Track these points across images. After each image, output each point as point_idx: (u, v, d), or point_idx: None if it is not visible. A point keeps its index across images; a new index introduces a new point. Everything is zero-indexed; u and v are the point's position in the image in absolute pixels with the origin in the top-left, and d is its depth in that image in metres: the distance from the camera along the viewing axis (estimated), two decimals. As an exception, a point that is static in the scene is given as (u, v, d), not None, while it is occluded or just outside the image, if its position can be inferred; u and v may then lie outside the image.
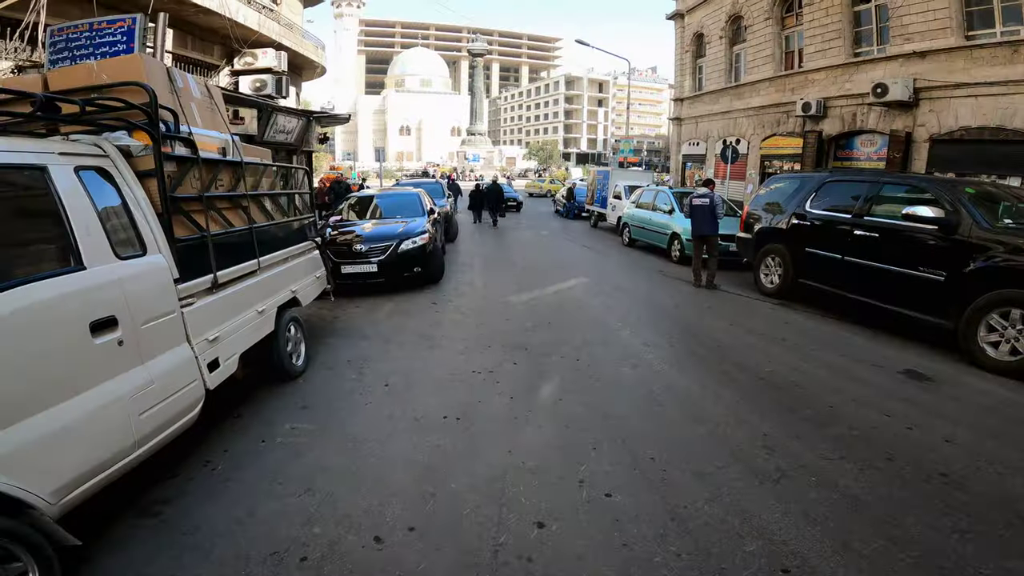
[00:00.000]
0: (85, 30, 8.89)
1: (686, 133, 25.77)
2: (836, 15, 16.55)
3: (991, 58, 12.41)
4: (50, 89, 4.18)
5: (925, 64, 13.79)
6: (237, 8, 14.73)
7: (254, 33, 15.93)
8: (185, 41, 14.71)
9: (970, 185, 8.24)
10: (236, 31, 15.02)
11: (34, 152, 3.15)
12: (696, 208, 10.81)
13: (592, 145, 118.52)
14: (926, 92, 13.75)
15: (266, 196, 5.90)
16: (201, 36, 15.27)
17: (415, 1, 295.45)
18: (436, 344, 7.05)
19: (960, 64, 13.05)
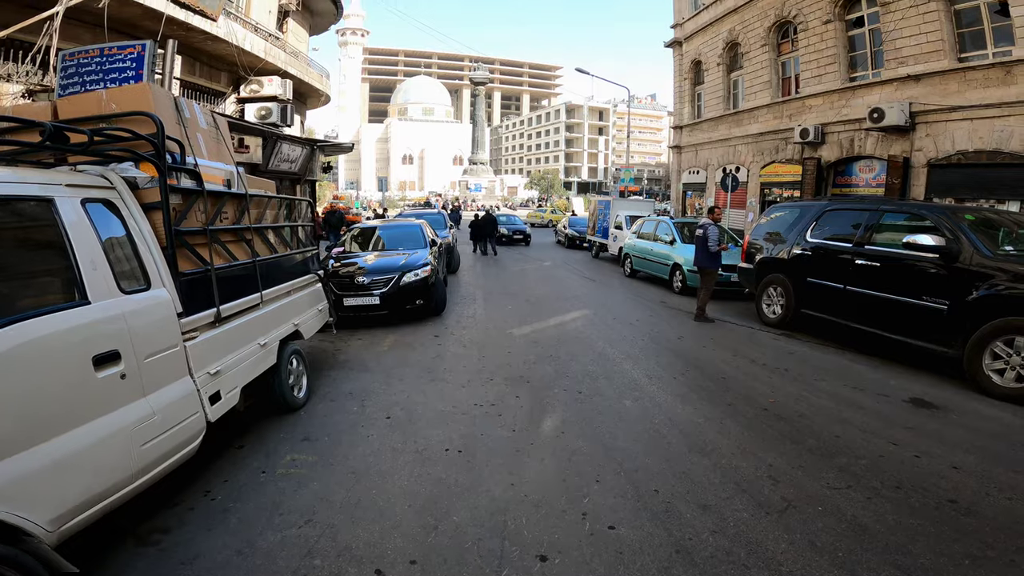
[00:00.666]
0: (96, 55, 9.02)
1: (686, 161, 25.95)
2: (831, 40, 16.75)
3: (984, 80, 12.50)
4: (60, 117, 4.24)
5: (920, 87, 13.89)
6: (244, 36, 14.95)
7: (260, 61, 16.13)
8: (193, 68, 14.88)
9: (969, 212, 8.27)
10: (243, 58, 15.23)
11: (41, 183, 3.18)
12: (696, 239, 10.89)
13: (593, 174, 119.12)
14: (922, 116, 13.82)
15: (269, 229, 5.95)
16: (209, 63, 15.46)
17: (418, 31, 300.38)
18: (438, 377, 7.03)
19: (954, 87, 13.13)
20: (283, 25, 20.18)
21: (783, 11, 18.59)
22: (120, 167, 3.87)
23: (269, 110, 16.42)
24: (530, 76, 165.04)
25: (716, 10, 22.68)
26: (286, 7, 19.57)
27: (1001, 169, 12.15)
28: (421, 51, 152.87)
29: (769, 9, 19.31)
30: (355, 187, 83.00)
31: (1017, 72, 11.77)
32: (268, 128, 15.97)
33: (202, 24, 12.64)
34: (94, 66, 8.94)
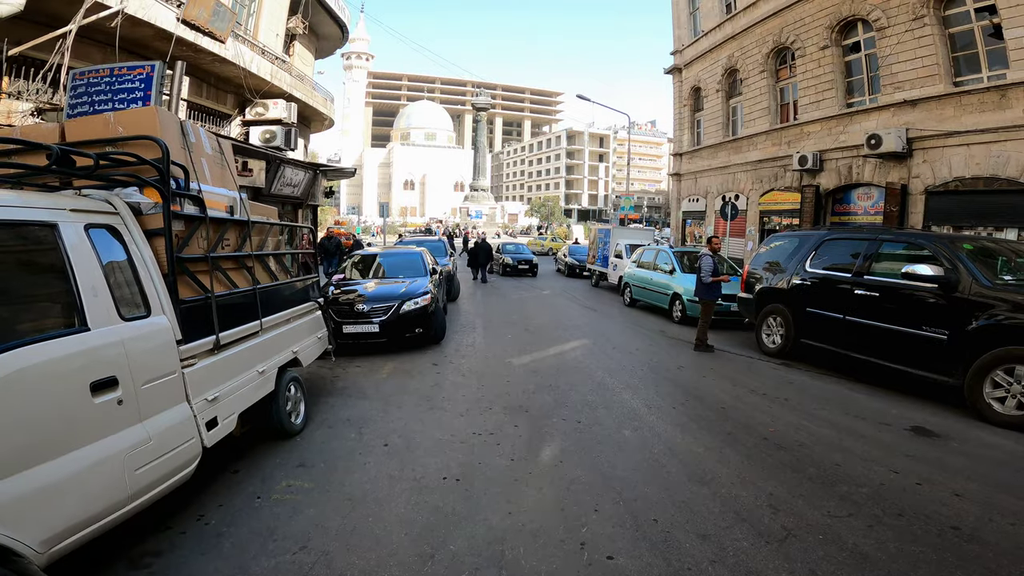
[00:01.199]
0: (105, 75, 9.11)
1: (686, 189, 26.02)
2: (828, 65, 16.88)
3: (980, 104, 12.52)
4: (67, 139, 4.29)
5: (916, 113, 13.93)
6: (251, 58, 15.06)
7: (266, 84, 16.23)
8: (200, 89, 14.98)
9: (968, 241, 8.33)
10: (249, 81, 15.32)
11: (46, 208, 3.22)
12: (696, 271, 10.91)
13: (593, 201, 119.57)
14: (919, 142, 13.83)
15: (271, 256, 5.98)
16: (216, 85, 15.54)
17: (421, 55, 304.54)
18: (437, 405, 7.01)
19: (950, 112, 13.16)
20: (290, 48, 20.38)
21: (781, 37, 18.79)
22: (124, 192, 3.91)
23: (273, 133, 16.43)
24: (531, 102, 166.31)
25: (715, 37, 22.93)
26: (293, 31, 19.78)
27: (998, 196, 12.14)
28: (424, 75, 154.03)
29: (767, 35, 19.52)
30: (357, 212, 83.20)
31: (1012, 96, 11.82)
32: (272, 152, 15.99)
33: (211, 46, 12.74)
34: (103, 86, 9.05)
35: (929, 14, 13.50)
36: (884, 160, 14.63)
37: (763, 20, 19.59)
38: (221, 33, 12.63)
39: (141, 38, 11.37)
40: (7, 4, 8.17)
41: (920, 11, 13.63)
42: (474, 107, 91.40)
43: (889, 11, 14.50)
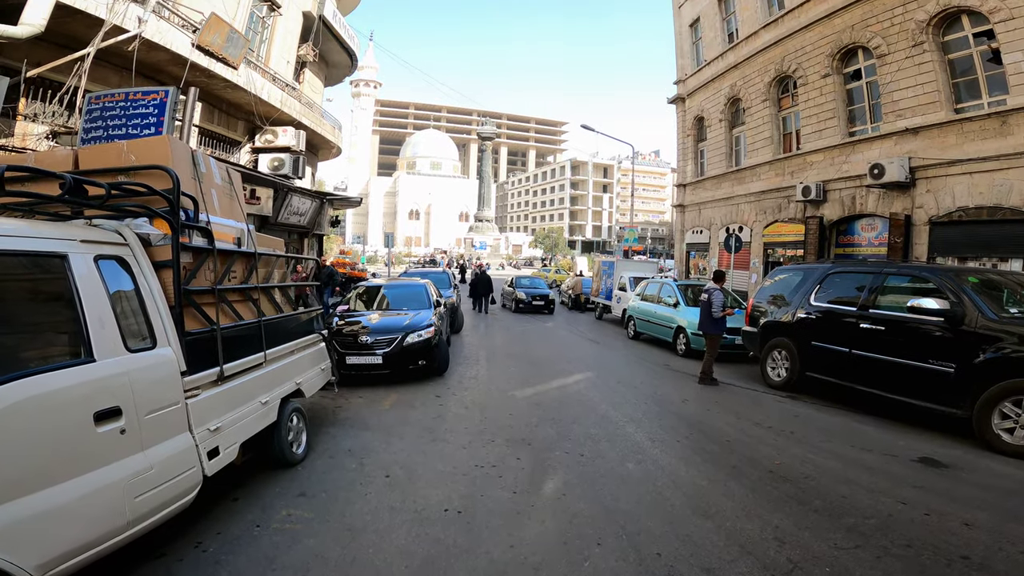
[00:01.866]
0: (120, 100, 9.24)
1: (689, 220, 25.97)
2: (830, 94, 16.92)
3: (981, 131, 12.46)
4: (80, 166, 4.37)
5: (918, 141, 13.90)
6: (263, 85, 15.26)
7: (276, 111, 16.40)
8: (212, 115, 15.14)
9: (973, 274, 8.36)
10: (260, 108, 15.49)
11: (57, 239, 3.27)
12: (701, 304, 10.80)
13: (597, 232, 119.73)
14: (922, 171, 13.75)
15: (276, 288, 6.02)
16: (227, 111, 15.71)
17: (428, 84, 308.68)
18: (439, 437, 6.97)
19: (952, 139, 13.10)
20: (300, 76, 20.65)
21: (783, 66, 18.91)
22: (135, 223, 3.96)
23: (282, 161, 16.53)
24: (536, 132, 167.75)
25: (718, 66, 23.11)
26: (304, 58, 20.06)
27: (1002, 226, 12.03)
28: (430, 104, 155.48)
29: (769, 64, 19.66)
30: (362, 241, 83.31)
31: (1013, 122, 11.78)
32: (280, 180, 16.08)
33: (224, 72, 12.91)
34: (118, 110, 9.17)
35: (928, 40, 13.57)
36: (887, 190, 14.58)
37: (765, 49, 19.73)
38: (234, 59, 12.81)
39: (157, 62, 11.55)
40: (28, 25, 8.27)
41: (919, 37, 13.70)
42: (479, 136, 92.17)
43: (889, 38, 14.60)
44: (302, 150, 17.62)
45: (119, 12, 9.61)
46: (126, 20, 9.80)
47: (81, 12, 9.12)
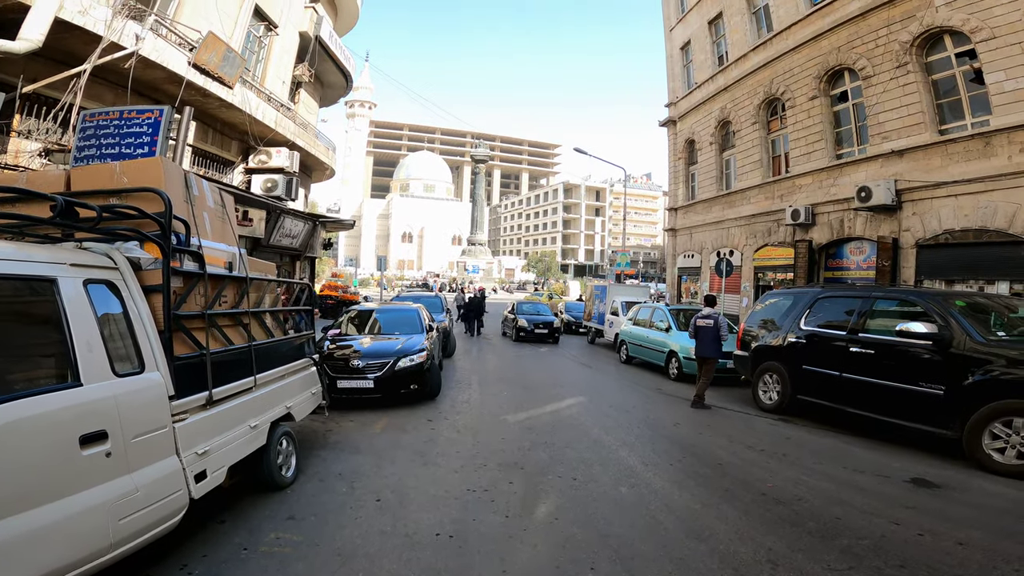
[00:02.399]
0: (114, 118, 9.15)
1: (681, 245, 26.03)
2: (817, 116, 17.08)
3: (965, 152, 12.53)
4: (72, 187, 4.36)
5: (904, 163, 14.00)
6: (257, 105, 15.20)
7: (271, 131, 16.33)
8: (206, 135, 15.06)
9: (960, 297, 8.48)
10: (254, 128, 15.45)
11: (46, 263, 3.26)
12: (700, 330, 10.67)
13: (589, 256, 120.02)
14: (908, 194, 13.83)
15: (267, 313, 6.00)
16: (221, 131, 15.62)
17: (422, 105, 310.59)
18: (431, 461, 6.91)
19: (937, 161, 13.18)
20: (295, 96, 20.64)
21: (771, 88, 19.12)
22: (125, 246, 3.95)
23: (275, 182, 16.40)
24: (529, 154, 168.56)
25: (708, 89, 23.34)
26: (299, 78, 20.07)
27: (988, 248, 12.09)
28: (425, 126, 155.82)
29: (758, 87, 19.88)
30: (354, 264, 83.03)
31: (996, 143, 11.89)
32: (272, 201, 15.93)
33: (219, 91, 12.88)
34: (112, 129, 9.10)
35: (912, 61, 13.75)
36: (875, 213, 14.69)
37: (754, 71, 19.99)
38: (230, 79, 12.80)
39: (152, 80, 11.52)
40: (26, 40, 8.22)
41: (903, 58, 13.88)
42: (473, 159, 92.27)
43: (874, 59, 14.80)
44: (296, 171, 17.51)
45: (117, 29, 9.57)
46: (123, 37, 9.76)
47: (79, 28, 9.10)
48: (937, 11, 13.01)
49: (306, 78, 20.23)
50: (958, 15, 12.53)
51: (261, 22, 16.69)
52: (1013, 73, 11.52)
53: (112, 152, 9.02)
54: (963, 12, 12.43)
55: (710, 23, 23.44)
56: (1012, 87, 11.54)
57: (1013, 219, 11.31)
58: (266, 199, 15.55)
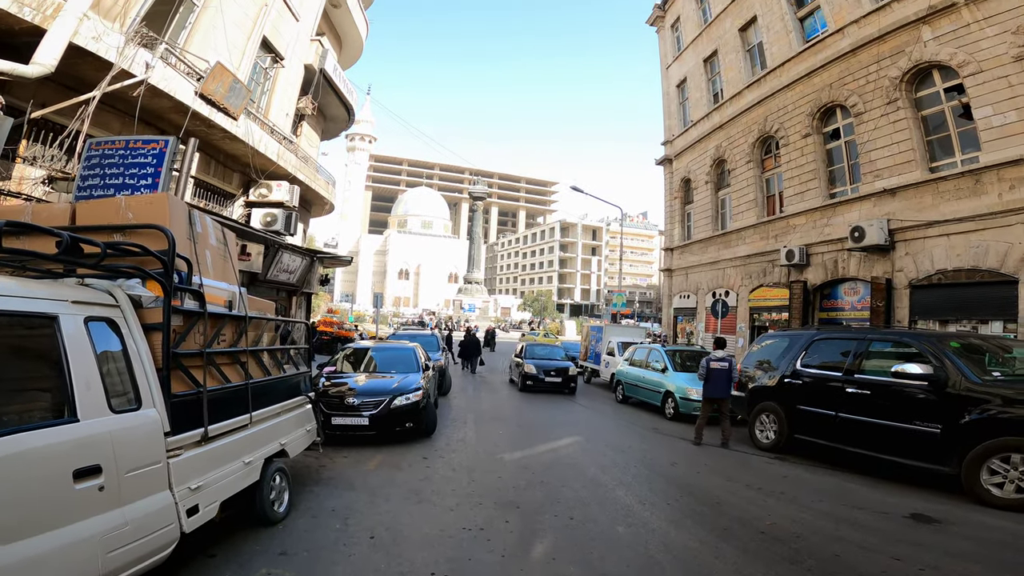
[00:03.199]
0: (120, 147, 9.13)
1: (677, 285, 26.03)
2: (810, 154, 17.24)
3: (956, 190, 12.59)
4: (77, 221, 4.42)
5: (896, 202, 14.07)
6: (260, 137, 15.20)
7: (272, 164, 16.28)
8: (208, 166, 14.99)
9: (954, 339, 8.65)
10: (256, 160, 15.42)
11: (48, 299, 3.29)
12: (715, 371, 10.73)
13: (586, 295, 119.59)
14: (900, 233, 13.87)
15: (265, 352, 6.01)
16: (223, 162, 15.59)
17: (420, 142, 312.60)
18: (425, 499, 6.84)
19: (928, 200, 13.24)
20: (297, 129, 20.67)
21: (765, 126, 19.36)
22: (127, 284, 3.97)
23: (275, 216, 16.25)
24: (527, 191, 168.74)
25: (703, 127, 23.61)
26: (303, 111, 20.12)
27: (981, 288, 12.11)
28: (424, 161, 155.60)
29: (752, 124, 20.13)
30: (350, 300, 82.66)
31: (986, 180, 11.96)
32: (271, 236, 15.78)
33: (223, 122, 12.88)
34: (117, 159, 9.08)
35: (902, 97, 13.94)
36: (868, 253, 14.75)
37: (748, 109, 20.27)
38: (235, 110, 12.78)
39: (159, 109, 11.56)
40: (39, 65, 8.22)
41: (893, 94, 14.08)
42: (471, 196, 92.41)
43: (865, 95, 15.01)
44: (295, 206, 17.40)
45: (128, 56, 9.61)
46: (134, 65, 9.80)
47: (91, 55, 9.10)
48: (925, 46, 13.26)
49: (309, 111, 20.28)
50: (945, 49, 12.77)
51: (268, 54, 16.82)
52: (1001, 108, 11.66)
53: (116, 183, 9.04)
54: (950, 46, 12.66)
55: (705, 61, 23.89)
56: (1000, 122, 11.67)
57: (1005, 258, 11.36)
58: (265, 233, 15.46)
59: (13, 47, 8.36)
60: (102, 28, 9.15)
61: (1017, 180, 11.31)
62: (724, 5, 22.18)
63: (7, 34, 8.37)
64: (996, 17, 11.80)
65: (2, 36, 8.41)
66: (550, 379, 18.15)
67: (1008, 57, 11.53)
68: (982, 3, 12.05)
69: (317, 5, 19.09)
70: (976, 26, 12.15)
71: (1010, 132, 11.50)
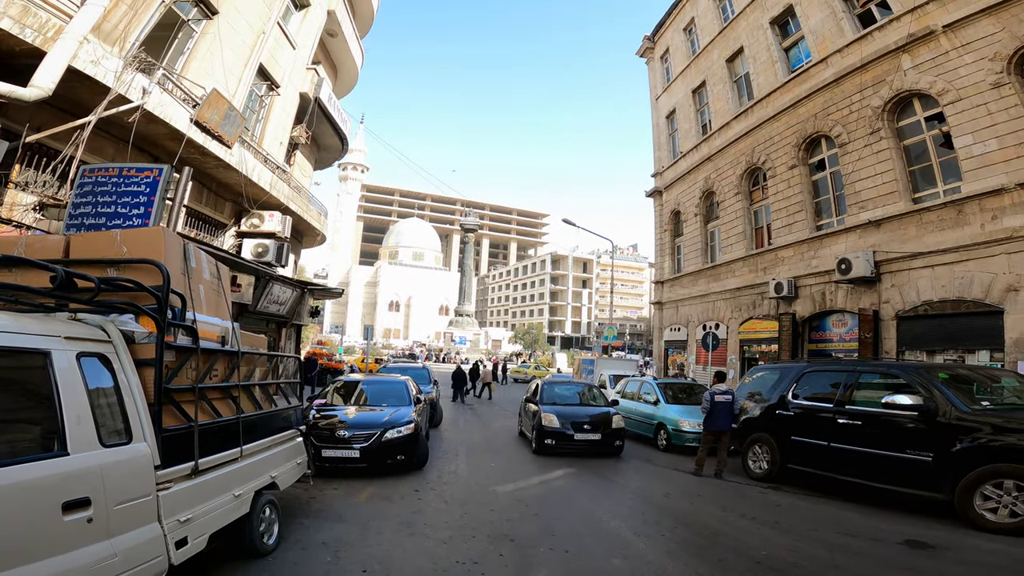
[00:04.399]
0: (113, 175, 9.01)
1: (667, 318, 26.00)
2: (797, 185, 17.37)
3: (939, 221, 12.70)
4: (71, 254, 4.44)
5: (881, 234, 14.15)
6: (254, 166, 15.13)
7: (265, 194, 16.17)
8: (200, 195, 14.82)
9: (943, 370, 8.83)
10: (249, 190, 15.31)
11: (40, 335, 3.31)
12: (719, 405, 10.77)
13: (576, 328, 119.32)
14: (886, 265, 13.91)
15: (257, 386, 5.99)
16: (216, 191, 15.43)
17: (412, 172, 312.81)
18: (418, 531, 6.75)
19: (912, 231, 13.31)
20: (291, 158, 20.57)
21: (752, 157, 19.52)
22: (120, 320, 3.97)
23: (266, 247, 16.13)
24: (518, 223, 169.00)
25: (692, 158, 23.76)
26: (296, 140, 20.03)
27: (966, 318, 12.13)
28: (415, 192, 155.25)
29: (740, 155, 20.29)
30: (340, 331, 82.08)
31: (968, 210, 12.02)
32: (262, 267, 15.62)
33: (217, 150, 12.79)
34: (110, 186, 8.96)
35: (884, 127, 14.12)
36: (855, 285, 14.81)
37: (736, 140, 20.46)
38: (229, 138, 12.65)
39: (153, 136, 11.45)
40: (37, 88, 8.15)
41: (876, 124, 14.26)
42: (462, 228, 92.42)
43: (848, 126, 15.21)
44: (287, 237, 17.20)
45: (126, 81, 9.58)
46: (131, 90, 9.76)
47: (89, 79, 9.05)
48: (905, 74, 13.49)
49: (303, 140, 20.25)
50: (925, 77, 12.99)
51: (264, 81, 16.86)
52: (980, 136, 11.80)
53: (108, 211, 8.93)
54: (930, 74, 12.88)
55: (694, 92, 24.20)
56: (980, 151, 11.80)
57: (989, 289, 11.43)
58: (256, 264, 15.32)
59: (13, 69, 8.32)
60: (101, 52, 9.12)
61: (999, 210, 11.43)
62: (712, 36, 22.61)
63: (7, 55, 8.37)
64: (973, 44, 12.02)
65: (2, 57, 8.40)
66: (583, 436, 12.23)
67: (986, 84, 11.71)
68: (960, 30, 12.27)
69: (314, 33, 19.24)
70: (954, 53, 12.37)
71: (990, 161, 11.63)
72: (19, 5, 8.01)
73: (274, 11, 15.66)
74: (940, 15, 12.70)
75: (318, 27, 19.43)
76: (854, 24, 15.58)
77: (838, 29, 15.87)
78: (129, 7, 10.26)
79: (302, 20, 18.23)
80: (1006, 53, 11.40)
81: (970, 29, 12.12)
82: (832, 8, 16.09)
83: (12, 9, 7.88)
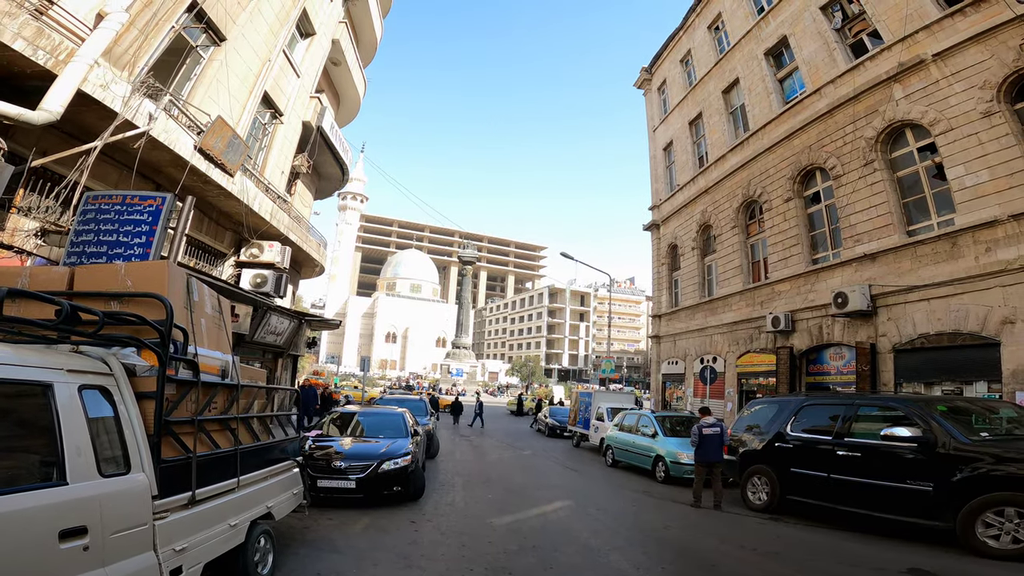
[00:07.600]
0: (117, 202, 8.96)
1: (665, 351, 25.89)
2: (793, 219, 17.44)
3: (934, 254, 12.70)
4: (76, 286, 4.46)
5: (876, 267, 14.18)
6: (255, 195, 15.06)
7: (265, 223, 16.05)
8: (201, 223, 14.67)
9: (941, 402, 8.95)
10: (249, 219, 15.25)
11: (42, 368, 3.33)
12: (707, 438, 11.09)
13: (573, 361, 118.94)
14: (882, 299, 13.92)
15: (255, 418, 6.00)
16: (216, 220, 15.29)
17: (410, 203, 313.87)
18: (414, 563, 6.68)
19: (907, 264, 13.33)
20: (292, 187, 20.53)
21: (748, 190, 19.63)
22: (122, 353, 3.99)
23: (265, 278, 16.00)
24: (516, 256, 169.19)
25: (689, 191, 23.87)
26: (298, 169, 20.00)
27: (963, 351, 12.10)
28: (414, 223, 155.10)
29: (736, 188, 20.40)
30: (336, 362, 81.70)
31: (962, 243, 12.03)
32: (261, 298, 15.55)
33: (219, 178, 12.70)
34: (113, 214, 8.91)
35: (878, 158, 14.23)
36: (852, 319, 14.80)
37: (732, 173, 20.58)
38: (232, 166, 12.53)
39: (157, 162, 11.38)
40: (45, 111, 8.07)
41: (869, 155, 14.37)
42: (460, 260, 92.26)
43: (843, 157, 15.33)
44: (286, 267, 17.09)
45: (133, 107, 9.55)
46: (138, 116, 9.71)
47: (97, 103, 8.99)
48: (897, 104, 13.64)
49: (304, 169, 20.25)
50: (916, 107, 13.13)
51: (268, 109, 16.91)
52: (972, 167, 11.87)
53: (110, 239, 8.90)
54: (921, 104, 13.02)
55: (691, 123, 24.44)
56: (972, 182, 11.87)
57: (985, 322, 11.43)
58: (254, 295, 15.27)
59: (21, 91, 8.28)
60: (111, 76, 9.12)
61: (992, 242, 11.47)
62: (708, 67, 22.94)
63: (17, 77, 8.34)
64: (963, 72, 12.16)
65: (11, 79, 8.37)
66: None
67: (976, 113, 11.82)
68: (949, 58, 12.43)
69: (319, 62, 19.37)
70: (945, 82, 12.52)
71: (982, 192, 11.68)
72: (33, 27, 7.98)
73: (280, 39, 15.78)
74: (930, 43, 12.90)
75: (322, 56, 19.58)
76: (846, 54, 15.83)
77: (831, 59, 16.12)
78: (140, 32, 10.34)
79: (307, 48, 18.37)
80: (995, 81, 11.54)
81: (959, 57, 12.29)
82: (825, 39, 16.36)
83: (26, 30, 7.85)
